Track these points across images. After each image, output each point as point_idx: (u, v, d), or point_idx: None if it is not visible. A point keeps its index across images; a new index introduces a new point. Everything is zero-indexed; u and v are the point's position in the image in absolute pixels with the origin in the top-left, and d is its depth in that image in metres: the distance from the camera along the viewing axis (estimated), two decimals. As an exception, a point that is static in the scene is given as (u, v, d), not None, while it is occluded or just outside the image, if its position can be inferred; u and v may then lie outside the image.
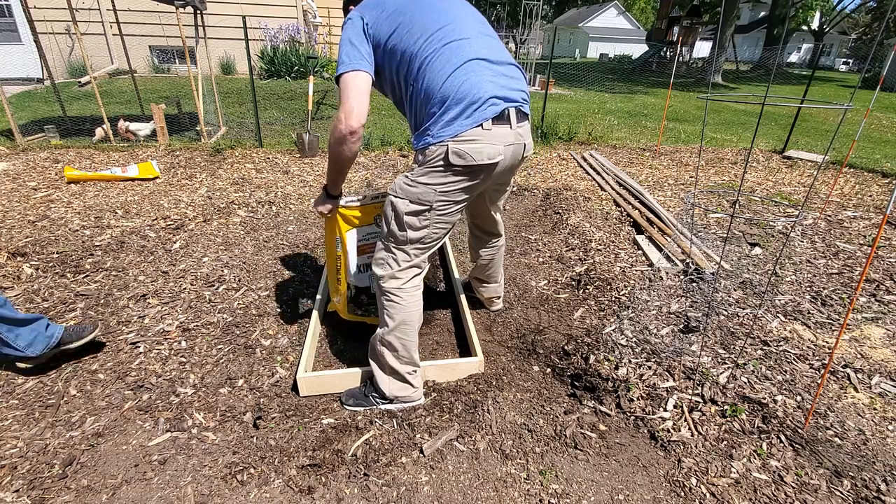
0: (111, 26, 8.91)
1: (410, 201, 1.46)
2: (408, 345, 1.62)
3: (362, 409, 1.70)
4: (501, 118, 1.42)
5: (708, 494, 1.38)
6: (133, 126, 5.15)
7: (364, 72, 1.38)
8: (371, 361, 1.70)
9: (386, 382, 1.66)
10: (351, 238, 1.96)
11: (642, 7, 49.12)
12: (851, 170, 5.19)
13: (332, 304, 2.16)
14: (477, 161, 1.40)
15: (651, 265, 2.76)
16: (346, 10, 1.62)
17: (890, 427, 1.61)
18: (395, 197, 1.48)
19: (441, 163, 1.40)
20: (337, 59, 1.40)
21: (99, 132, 5.09)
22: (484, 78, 1.39)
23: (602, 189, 4.23)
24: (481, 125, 1.37)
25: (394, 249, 1.55)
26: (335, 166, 1.53)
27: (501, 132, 1.43)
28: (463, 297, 2.26)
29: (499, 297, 2.31)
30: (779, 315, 2.27)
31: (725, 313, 2.26)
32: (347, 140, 1.38)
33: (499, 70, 1.45)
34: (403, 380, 1.66)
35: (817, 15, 37.14)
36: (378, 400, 1.69)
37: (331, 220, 1.88)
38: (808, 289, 2.52)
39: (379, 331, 1.63)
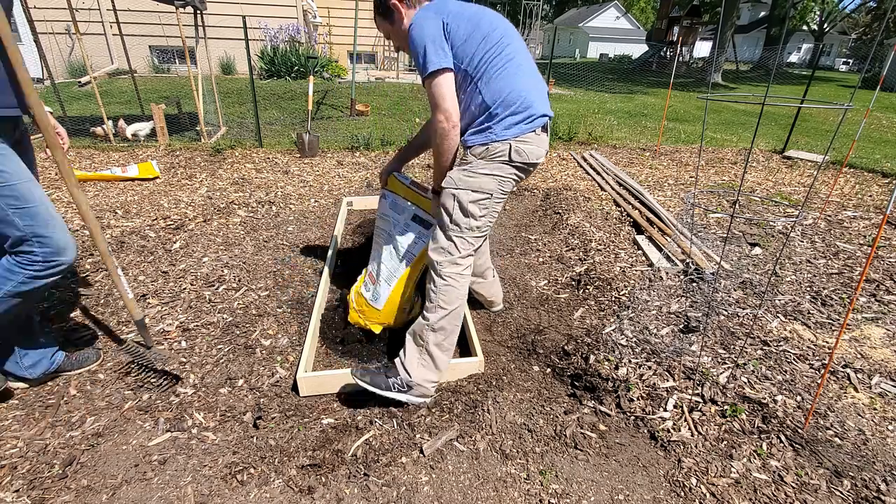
0: (111, 26, 8.92)
1: (472, 190, 1.64)
2: (455, 331, 1.73)
3: (372, 388, 1.65)
4: (544, 128, 1.70)
5: (708, 494, 1.38)
6: (132, 127, 5.15)
7: (451, 71, 1.58)
8: (409, 343, 1.71)
9: (416, 365, 1.68)
10: None
11: (642, 7, 49.07)
12: (851, 170, 5.19)
13: (367, 318, 2.02)
14: (531, 160, 1.67)
15: (651, 265, 2.76)
16: (388, 5, 1.67)
17: (890, 427, 1.62)
18: (456, 188, 1.65)
19: (504, 157, 1.63)
20: (420, 56, 1.54)
21: (99, 131, 5.09)
22: (536, 94, 1.66)
23: (602, 189, 4.23)
24: (535, 131, 1.65)
25: (454, 238, 1.69)
26: (445, 161, 1.67)
27: (544, 139, 1.71)
28: (463, 297, 2.26)
29: (498, 298, 2.31)
30: (779, 315, 2.27)
31: (725, 313, 2.27)
32: (450, 135, 1.60)
33: (541, 88, 1.72)
34: (436, 367, 1.70)
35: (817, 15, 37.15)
36: (393, 383, 1.67)
37: None
38: (808, 289, 2.53)
39: (431, 316, 1.68)
